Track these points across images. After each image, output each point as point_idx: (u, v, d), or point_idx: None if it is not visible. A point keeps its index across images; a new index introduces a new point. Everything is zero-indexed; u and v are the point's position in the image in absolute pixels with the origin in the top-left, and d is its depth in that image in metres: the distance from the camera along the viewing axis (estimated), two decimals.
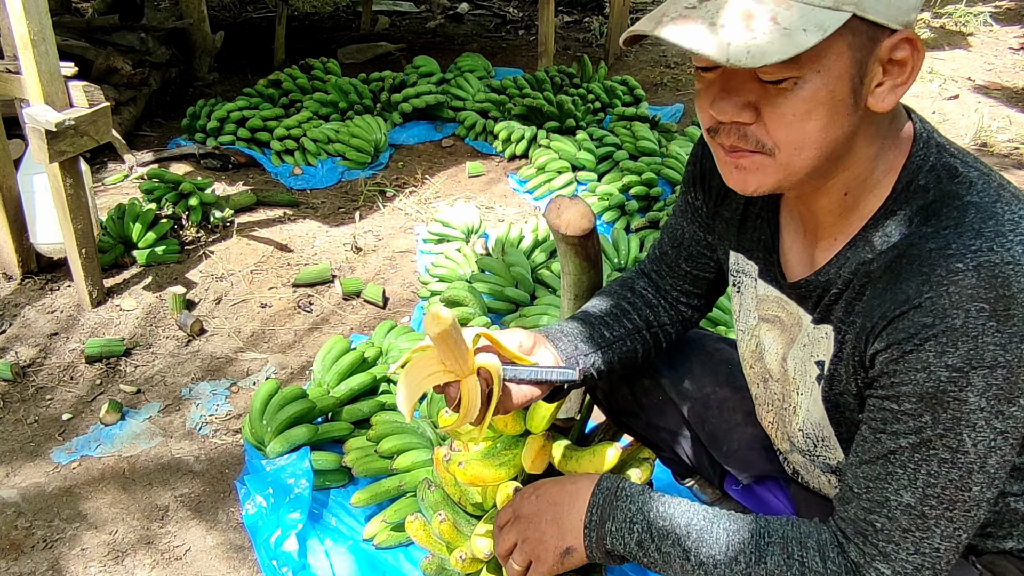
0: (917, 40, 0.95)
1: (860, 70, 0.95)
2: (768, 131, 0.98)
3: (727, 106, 0.98)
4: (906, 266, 0.98)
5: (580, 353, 1.36)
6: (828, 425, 1.19)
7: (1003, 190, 1.00)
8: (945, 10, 7.38)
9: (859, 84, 0.96)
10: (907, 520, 1.00)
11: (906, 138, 1.06)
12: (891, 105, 0.98)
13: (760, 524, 1.13)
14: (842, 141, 0.99)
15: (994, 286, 0.91)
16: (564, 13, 7.57)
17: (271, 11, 7.14)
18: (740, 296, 1.34)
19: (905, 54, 0.96)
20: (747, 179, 1.03)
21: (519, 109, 4.54)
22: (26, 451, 2.33)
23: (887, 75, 0.97)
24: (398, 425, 2.20)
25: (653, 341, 1.49)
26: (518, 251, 3.13)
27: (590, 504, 1.22)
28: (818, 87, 0.94)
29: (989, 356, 0.92)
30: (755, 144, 0.99)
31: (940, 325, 0.93)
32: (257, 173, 4.12)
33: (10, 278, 3.07)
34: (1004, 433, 0.95)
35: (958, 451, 0.96)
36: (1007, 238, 0.94)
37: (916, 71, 0.97)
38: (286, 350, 2.81)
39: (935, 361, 0.94)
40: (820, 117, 0.96)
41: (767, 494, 1.59)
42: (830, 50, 0.92)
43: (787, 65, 0.92)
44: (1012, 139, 4.72)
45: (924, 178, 1.03)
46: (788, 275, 1.21)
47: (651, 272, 1.53)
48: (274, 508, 2.01)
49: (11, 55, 2.74)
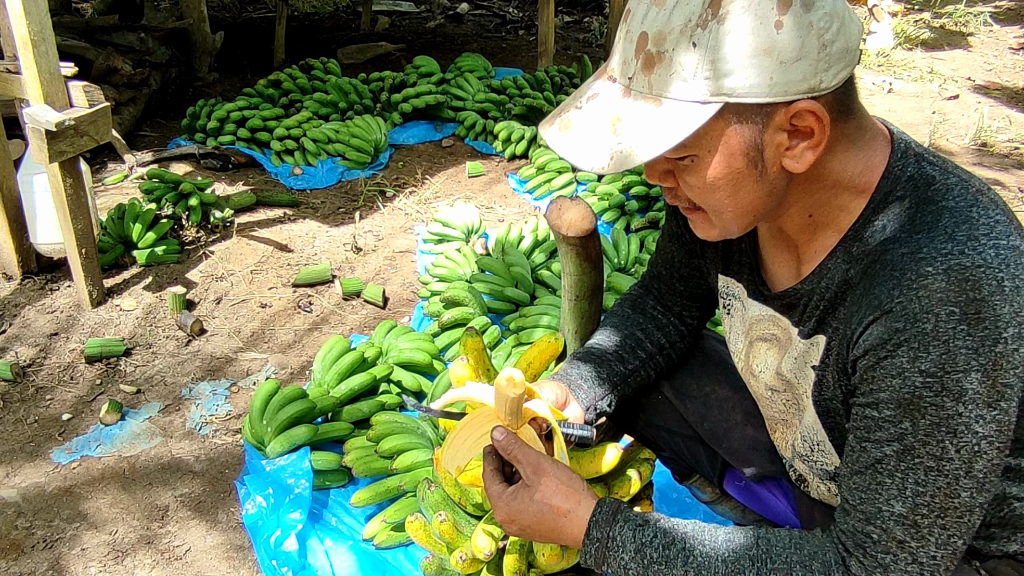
0: (818, 108, 0.94)
1: (755, 145, 0.97)
2: (687, 195, 1.06)
3: (652, 174, 1.07)
4: (880, 271, 0.99)
5: (597, 398, 1.44)
6: (821, 429, 1.19)
7: (980, 195, 1.00)
8: (945, 10, 7.38)
9: (758, 155, 0.98)
10: (901, 531, 1.00)
11: (882, 152, 1.06)
12: (808, 165, 0.99)
13: (762, 549, 1.09)
14: (763, 202, 1.04)
15: (964, 289, 0.91)
16: (564, 13, 7.57)
17: (271, 11, 7.14)
18: (730, 319, 1.36)
19: (808, 122, 0.96)
20: (697, 230, 1.13)
21: (519, 109, 4.54)
22: (26, 451, 2.33)
23: (797, 137, 0.98)
24: (398, 425, 2.20)
25: (666, 363, 1.54)
26: (518, 251, 3.13)
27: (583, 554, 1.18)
28: (713, 164, 0.99)
29: (962, 360, 0.92)
30: (686, 202, 1.08)
31: (911, 330, 0.93)
32: (257, 173, 4.12)
33: (10, 278, 3.07)
34: (988, 437, 0.95)
35: (942, 458, 0.96)
36: (979, 242, 0.94)
37: (825, 132, 0.96)
38: (286, 350, 2.81)
39: (909, 367, 0.94)
40: (725, 187, 1.01)
41: (767, 494, 1.59)
42: (713, 133, 0.96)
43: (678, 150, 0.97)
44: (1012, 139, 4.72)
45: (902, 188, 1.03)
46: (774, 287, 1.23)
47: (653, 288, 1.57)
48: (274, 508, 2.01)
49: (11, 55, 2.74)
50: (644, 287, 1.59)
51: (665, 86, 0.95)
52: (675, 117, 0.94)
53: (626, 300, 1.59)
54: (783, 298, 1.18)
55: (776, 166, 1.00)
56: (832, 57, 0.94)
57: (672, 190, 1.07)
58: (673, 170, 1.04)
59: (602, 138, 0.97)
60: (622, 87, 0.99)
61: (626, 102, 0.98)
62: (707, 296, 1.49)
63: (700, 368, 1.58)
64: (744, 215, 1.05)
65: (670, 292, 1.52)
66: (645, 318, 1.54)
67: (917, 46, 6.57)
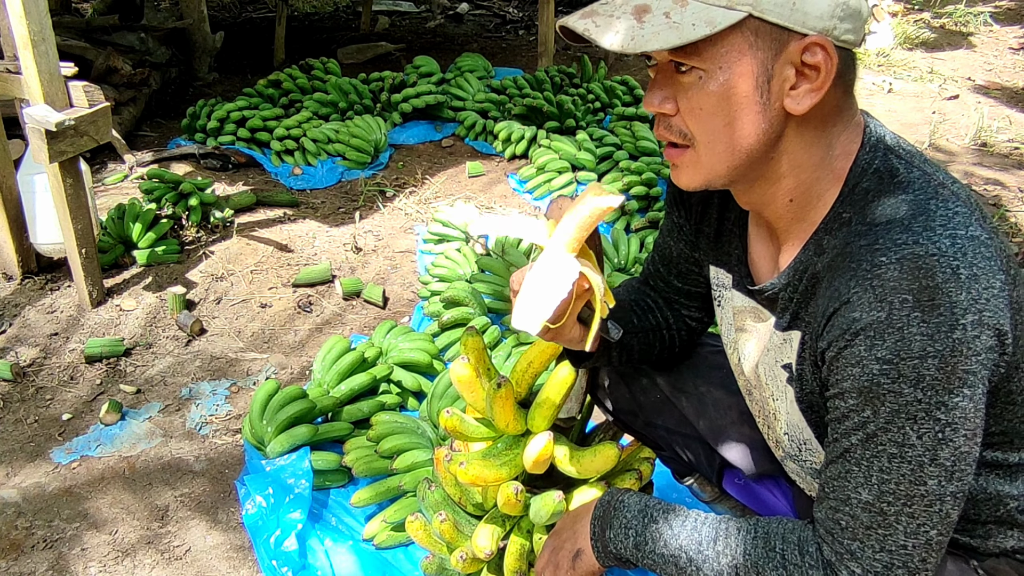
0: (829, 46, 0.97)
1: (765, 70, 0.99)
2: (685, 122, 1.05)
3: (653, 98, 1.07)
4: (840, 263, 1.01)
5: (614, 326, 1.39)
6: (807, 427, 1.20)
7: (942, 188, 1.01)
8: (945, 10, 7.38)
9: (765, 83, 0.99)
10: (867, 517, 1.01)
11: (856, 144, 1.07)
12: (806, 108, 1.00)
13: (749, 522, 1.16)
14: (758, 141, 1.03)
15: (917, 277, 0.92)
16: (564, 13, 7.58)
17: (271, 11, 7.14)
18: (721, 310, 1.37)
19: (817, 59, 0.98)
20: (680, 175, 1.11)
21: (519, 109, 4.54)
22: (26, 451, 2.33)
23: (802, 79, 1.00)
24: (398, 425, 2.20)
25: (669, 342, 1.54)
26: (518, 251, 3.13)
27: (593, 516, 1.31)
28: (721, 83, 1.00)
29: (917, 347, 0.92)
30: (679, 134, 1.07)
31: (867, 319, 0.95)
32: (257, 173, 4.12)
33: (10, 278, 3.07)
34: (951, 424, 0.95)
35: (904, 444, 0.96)
36: (935, 232, 0.95)
37: (830, 76, 0.98)
38: (286, 350, 2.81)
39: (866, 355, 0.95)
40: (726, 112, 1.01)
41: (766, 492, 1.60)
42: (731, 47, 0.98)
43: (689, 56, 0.99)
44: (1012, 139, 4.72)
45: (867, 181, 1.05)
46: (756, 281, 1.25)
47: (650, 285, 1.57)
48: (274, 508, 2.01)
49: (11, 55, 2.74)
50: (643, 282, 1.59)
51: None
52: (700, 15, 0.96)
53: (632, 278, 1.61)
54: (762, 292, 1.20)
55: (778, 102, 1.01)
56: (849, 9, 0.98)
57: (667, 120, 1.07)
58: (675, 95, 1.04)
59: (625, 24, 0.98)
60: None
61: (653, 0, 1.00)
62: (704, 297, 1.49)
63: (696, 369, 1.59)
64: (734, 153, 1.04)
65: (668, 289, 1.52)
66: (656, 293, 1.55)
67: (917, 46, 6.57)
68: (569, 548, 1.34)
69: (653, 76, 1.08)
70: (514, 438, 1.52)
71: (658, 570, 1.21)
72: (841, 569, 1.03)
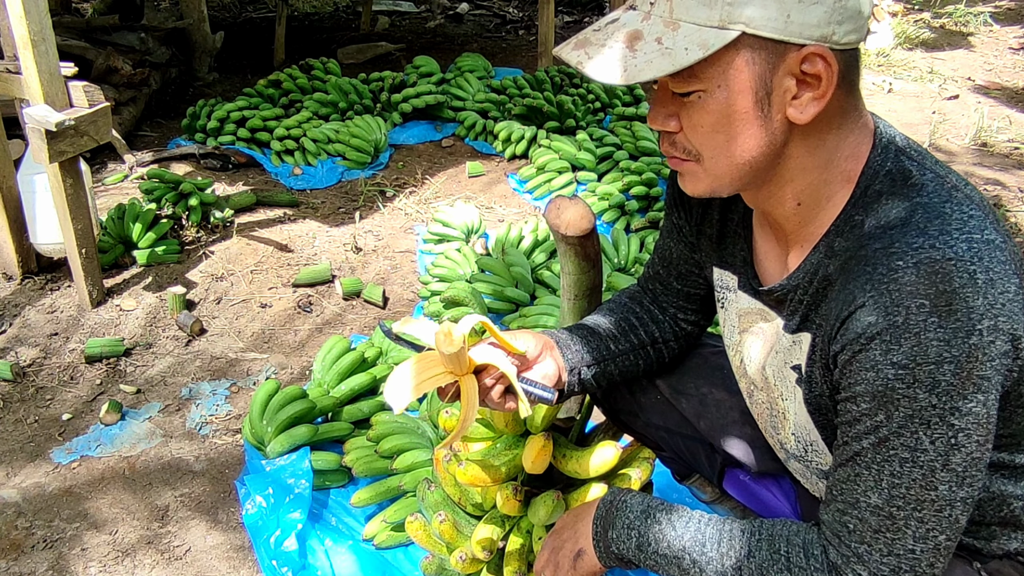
0: (828, 54, 0.96)
1: (764, 84, 0.98)
2: (688, 139, 1.06)
3: (656, 116, 1.07)
4: (854, 267, 1.00)
5: (584, 363, 1.42)
6: (814, 429, 1.20)
7: (956, 191, 1.00)
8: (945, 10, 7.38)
9: (765, 97, 0.99)
10: (876, 521, 1.01)
11: (868, 142, 1.07)
12: (810, 117, 1.00)
13: (753, 524, 1.15)
14: (761, 153, 1.03)
15: (934, 282, 0.92)
16: (564, 13, 7.57)
17: (271, 11, 7.14)
18: (724, 312, 1.37)
19: (817, 68, 0.97)
20: (685, 184, 1.12)
21: (519, 109, 4.54)
22: (26, 451, 2.33)
23: (804, 88, 0.99)
24: (398, 425, 2.20)
25: (656, 357, 1.53)
26: (518, 251, 3.13)
27: (595, 516, 1.30)
28: (721, 100, 1.00)
29: (933, 352, 0.92)
30: (683, 151, 1.08)
31: (883, 323, 0.94)
32: (257, 173, 4.12)
33: (10, 278, 3.07)
34: (964, 430, 0.95)
35: (916, 449, 0.96)
36: (951, 236, 0.94)
37: (832, 83, 0.97)
38: (286, 350, 2.81)
39: (882, 359, 0.95)
40: (728, 129, 1.01)
41: (766, 493, 1.59)
42: (727, 65, 0.98)
43: (689, 80, 0.99)
44: (1012, 139, 4.72)
45: (880, 183, 1.04)
46: (764, 282, 1.24)
47: (648, 290, 1.56)
48: (274, 508, 2.01)
49: (11, 55, 2.74)
50: (640, 288, 1.59)
51: (685, 10, 0.97)
52: (692, 39, 0.96)
53: (623, 292, 1.60)
54: (772, 293, 1.19)
55: (780, 114, 1.00)
56: (847, 12, 0.96)
57: (671, 137, 1.07)
58: (678, 113, 1.05)
59: (618, 53, 0.99)
60: (642, 12, 1.01)
61: (645, 24, 0.99)
62: (704, 299, 1.49)
63: (697, 370, 1.58)
64: (739, 166, 1.04)
65: (666, 291, 1.51)
66: (641, 309, 1.54)
67: (917, 46, 6.57)
68: (570, 548, 1.34)
69: (655, 95, 1.08)
70: (513, 438, 1.52)
71: (660, 571, 1.21)
72: (847, 572, 1.03)
